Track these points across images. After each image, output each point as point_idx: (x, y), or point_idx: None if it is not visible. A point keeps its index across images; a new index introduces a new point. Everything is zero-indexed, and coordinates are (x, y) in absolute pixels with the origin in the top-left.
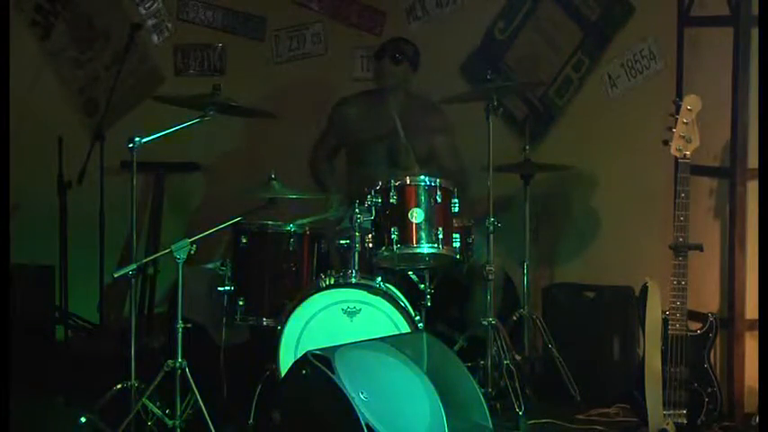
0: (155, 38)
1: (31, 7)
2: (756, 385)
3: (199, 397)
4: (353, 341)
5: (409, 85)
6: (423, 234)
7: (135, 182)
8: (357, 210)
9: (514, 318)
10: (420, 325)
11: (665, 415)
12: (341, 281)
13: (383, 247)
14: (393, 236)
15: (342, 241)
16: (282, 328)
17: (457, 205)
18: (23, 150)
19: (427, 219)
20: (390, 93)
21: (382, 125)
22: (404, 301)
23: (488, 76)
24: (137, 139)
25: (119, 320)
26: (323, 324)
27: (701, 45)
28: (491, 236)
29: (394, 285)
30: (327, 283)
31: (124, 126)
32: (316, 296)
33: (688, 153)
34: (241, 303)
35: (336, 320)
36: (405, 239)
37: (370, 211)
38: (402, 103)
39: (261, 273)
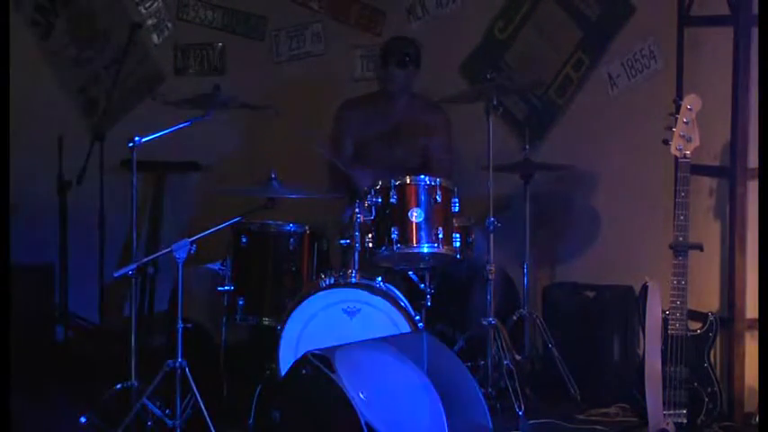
0: (155, 37)
1: (31, 7)
2: (756, 385)
3: (199, 397)
4: (353, 341)
5: (414, 84)
6: (423, 234)
7: (135, 182)
8: (357, 209)
9: (514, 318)
10: (420, 325)
11: (665, 415)
12: (341, 280)
13: (383, 247)
14: (393, 235)
15: (342, 241)
16: (282, 327)
17: (457, 205)
18: (23, 150)
19: (427, 218)
20: (396, 96)
21: (386, 127)
22: (404, 301)
23: (488, 76)
24: (137, 138)
25: (119, 320)
26: (323, 324)
27: (701, 45)
28: (491, 236)
29: (394, 285)
30: (327, 282)
31: (124, 126)
32: (316, 296)
33: (688, 152)
34: (241, 303)
35: (336, 320)
36: (405, 239)
37: (371, 211)
38: (406, 104)
39: (261, 272)
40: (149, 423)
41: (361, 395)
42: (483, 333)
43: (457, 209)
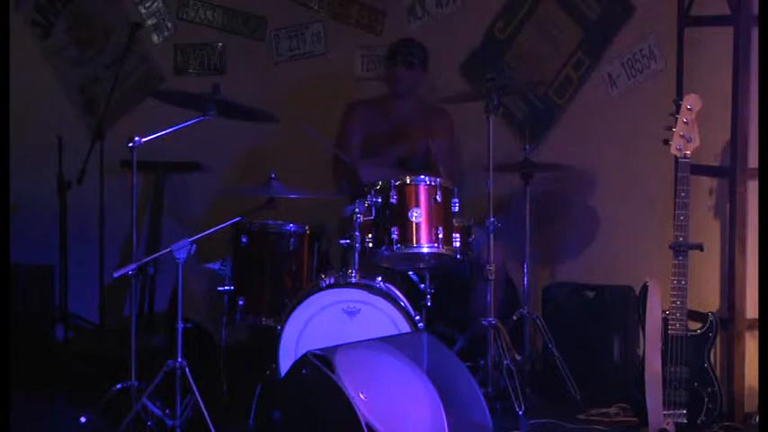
0: (155, 37)
1: (31, 7)
2: (756, 385)
3: (199, 397)
4: (353, 341)
5: (420, 86)
6: (423, 234)
7: (135, 181)
8: (357, 209)
9: (514, 318)
10: (420, 325)
11: (665, 415)
12: (341, 280)
13: (383, 247)
14: (393, 235)
15: (342, 241)
16: (282, 327)
17: (457, 205)
18: (23, 150)
19: (427, 218)
20: (402, 98)
21: (392, 128)
22: (404, 301)
23: (488, 76)
24: (137, 138)
25: (119, 320)
26: (323, 324)
27: (701, 45)
28: (491, 236)
29: (394, 285)
30: (327, 282)
31: (124, 126)
32: (316, 296)
33: (688, 152)
34: (241, 303)
35: (336, 320)
36: (405, 239)
37: (371, 211)
38: (412, 106)
39: (261, 272)
40: (149, 423)
41: (361, 395)
42: (483, 333)
43: (457, 209)
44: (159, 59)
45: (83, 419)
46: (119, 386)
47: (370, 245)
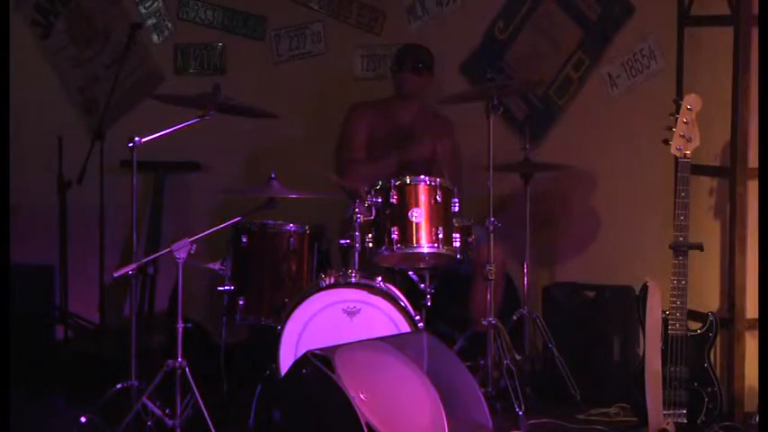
0: (155, 37)
1: (31, 6)
2: (756, 385)
3: (199, 397)
4: (353, 341)
5: (426, 91)
6: (423, 234)
7: (135, 182)
8: (357, 209)
9: (514, 318)
10: (420, 325)
11: (665, 415)
12: (341, 280)
13: (383, 247)
14: (393, 235)
15: (342, 241)
16: (282, 327)
17: (457, 205)
18: (23, 150)
19: (427, 218)
20: (407, 102)
21: (395, 132)
22: (404, 301)
23: (489, 76)
24: (137, 138)
25: (119, 320)
26: (323, 324)
27: (701, 45)
28: (491, 236)
29: (394, 285)
30: (327, 282)
31: (124, 126)
32: (316, 296)
33: (688, 152)
34: (241, 303)
35: (336, 320)
36: (405, 239)
37: (371, 211)
38: (415, 111)
39: (261, 272)
40: (149, 423)
41: (361, 395)
42: (483, 333)
43: (457, 209)
44: (159, 59)
45: (83, 419)
46: (119, 386)
47: (370, 245)
